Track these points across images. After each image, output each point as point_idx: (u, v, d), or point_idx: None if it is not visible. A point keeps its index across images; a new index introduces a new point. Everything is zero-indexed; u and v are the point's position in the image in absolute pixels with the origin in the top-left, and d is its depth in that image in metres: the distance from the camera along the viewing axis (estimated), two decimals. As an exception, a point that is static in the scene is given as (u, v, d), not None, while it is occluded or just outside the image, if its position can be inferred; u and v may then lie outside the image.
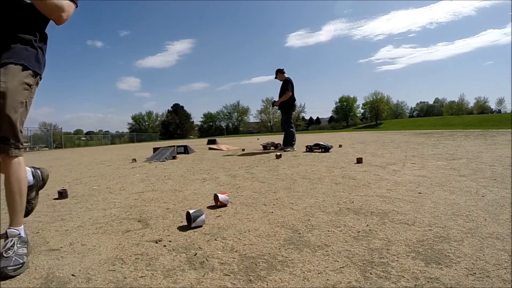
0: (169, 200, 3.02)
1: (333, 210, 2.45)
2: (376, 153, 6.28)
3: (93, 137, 49.38)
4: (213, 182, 3.86)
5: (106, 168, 6.04)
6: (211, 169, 4.99)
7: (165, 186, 3.73)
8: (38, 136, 33.61)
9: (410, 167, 4.31)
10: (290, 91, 7.51)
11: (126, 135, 57.70)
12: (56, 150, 26.54)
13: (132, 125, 79.58)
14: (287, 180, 3.74)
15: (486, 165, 4.12)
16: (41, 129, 37.73)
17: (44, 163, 8.74)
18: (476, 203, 2.41)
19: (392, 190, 3.01)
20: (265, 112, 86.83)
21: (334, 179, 3.71)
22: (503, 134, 9.62)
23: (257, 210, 2.56)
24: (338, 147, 7.93)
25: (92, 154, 11.89)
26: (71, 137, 44.05)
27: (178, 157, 7.15)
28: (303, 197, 2.90)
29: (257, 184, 3.59)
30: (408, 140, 9.86)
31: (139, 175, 4.68)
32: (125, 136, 55.23)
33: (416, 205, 2.45)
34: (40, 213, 2.79)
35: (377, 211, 2.37)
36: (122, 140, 49.06)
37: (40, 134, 35.34)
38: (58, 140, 33.76)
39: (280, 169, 4.65)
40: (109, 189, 3.75)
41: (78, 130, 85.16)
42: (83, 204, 3.03)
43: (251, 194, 3.10)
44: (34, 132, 33.37)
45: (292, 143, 7.70)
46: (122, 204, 2.96)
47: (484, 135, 10.58)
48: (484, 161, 4.41)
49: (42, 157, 12.96)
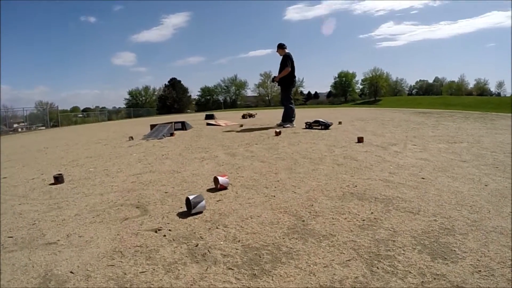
0: (168, 182, 2.96)
1: (337, 195, 2.39)
2: (376, 132, 6.19)
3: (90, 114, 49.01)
4: (212, 161, 3.79)
5: (103, 147, 5.95)
6: (209, 147, 4.91)
7: (163, 167, 3.65)
8: (34, 115, 33.35)
9: (412, 149, 4.24)
10: (289, 67, 7.35)
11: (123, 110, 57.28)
12: (53, 129, 26.38)
13: (129, 100, 78.72)
14: (288, 160, 3.67)
15: (488, 151, 4.05)
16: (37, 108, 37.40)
17: (40, 144, 8.64)
18: (480, 193, 2.36)
19: (395, 174, 2.95)
20: (263, 86, 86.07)
21: (336, 159, 3.64)
22: (503, 118, 9.49)
23: (259, 193, 2.50)
24: (338, 124, 7.82)
25: (88, 132, 11.79)
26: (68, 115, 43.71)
27: (176, 134, 7.05)
28: (305, 179, 2.84)
29: (257, 164, 3.52)
30: (407, 119, 9.75)
31: (136, 155, 4.60)
32: (122, 111, 54.81)
33: (420, 192, 2.40)
34: (36, 201, 2.72)
35: (381, 197, 2.32)
36: (119, 115, 48.68)
37: (37, 113, 35.08)
38: (55, 119, 33.47)
39: (280, 147, 4.58)
40: (106, 171, 3.68)
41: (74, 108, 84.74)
42: (79, 189, 2.97)
43: (252, 175, 3.03)
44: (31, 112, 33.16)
45: (291, 119, 7.59)
46: (120, 187, 2.90)
47: (484, 118, 10.46)
48: (485, 147, 4.34)
49: (38, 137, 12.84)
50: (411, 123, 8.11)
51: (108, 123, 24.79)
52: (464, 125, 7.54)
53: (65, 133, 13.74)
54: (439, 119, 9.84)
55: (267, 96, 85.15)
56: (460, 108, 25.72)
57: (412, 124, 7.78)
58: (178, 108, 63.79)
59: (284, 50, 7.65)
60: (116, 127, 14.03)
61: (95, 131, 12.44)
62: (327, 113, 15.19)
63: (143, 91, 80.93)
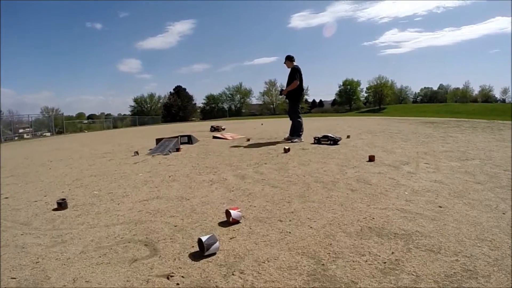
0: (176, 212, 2.82)
1: (355, 230, 2.26)
2: (386, 147, 6.05)
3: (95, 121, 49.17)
4: (221, 185, 3.65)
5: (108, 163, 5.83)
6: (217, 166, 4.77)
7: (171, 191, 3.52)
8: (40, 121, 33.54)
9: (424, 169, 4.14)
10: (297, 80, 7.25)
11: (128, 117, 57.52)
12: (58, 136, 26.42)
13: (134, 107, 79.19)
14: (300, 184, 3.53)
15: (500, 169, 3.95)
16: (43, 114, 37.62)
17: (43, 155, 8.55)
18: (498, 223, 2.29)
19: (411, 201, 2.84)
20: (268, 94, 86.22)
21: (349, 183, 3.51)
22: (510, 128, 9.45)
23: (273, 228, 2.36)
24: (346, 138, 7.69)
25: (93, 143, 11.68)
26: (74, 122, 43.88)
27: (182, 148, 6.93)
28: (320, 210, 2.70)
29: (268, 190, 3.38)
30: (415, 130, 9.61)
31: (142, 175, 4.47)
32: (127, 119, 55.05)
33: (439, 224, 2.30)
34: (39, 232, 2.60)
35: (400, 232, 2.20)
36: (124, 123, 48.86)
37: (42, 119, 35.28)
38: (60, 125, 33.59)
39: (290, 167, 4.44)
40: (111, 195, 3.54)
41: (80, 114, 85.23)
42: (84, 218, 2.83)
43: (264, 205, 2.89)
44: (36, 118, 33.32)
45: (299, 133, 7.47)
46: (126, 218, 2.76)
47: (491, 127, 10.36)
48: (497, 164, 4.26)
49: (42, 146, 12.76)
50: (420, 136, 7.98)
51: (113, 132, 24.76)
52: (473, 137, 7.47)
53: (69, 142, 13.66)
54: (447, 130, 9.73)
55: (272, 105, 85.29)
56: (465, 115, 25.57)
57: (421, 137, 7.65)
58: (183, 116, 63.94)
59: (292, 62, 7.56)
60: (121, 138, 13.95)
61: (99, 142, 12.34)
62: (333, 123, 15.06)
63: (148, 99, 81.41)
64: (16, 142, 20.18)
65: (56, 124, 33.33)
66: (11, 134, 27.28)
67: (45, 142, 16.02)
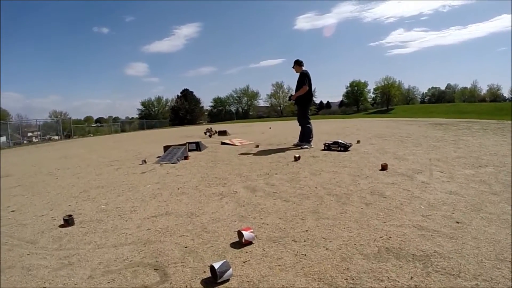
0: (186, 231, 2.73)
1: (372, 252, 2.16)
2: (397, 153, 5.92)
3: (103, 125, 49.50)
4: (231, 199, 3.55)
5: (115, 173, 5.76)
6: (227, 176, 4.67)
7: (180, 206, 3.42)
8: (48, 125, 33.87)
9: (439, 178, 4.03)
10: (307, 85, 7.14)
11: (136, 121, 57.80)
12: (66, 140, 26.57)
13: (142, 111, 79.62)
14: (313, 198, 3.42)
15: None
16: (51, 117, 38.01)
17: (51, 163, 8.52)
18: None
19: (428, 216, 2.75)
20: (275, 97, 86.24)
21: (363, 196, 3.41)
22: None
23: (288, 250, 2.26)
24: (356, 143, 7.56)
25: (101, 149, 11.65)
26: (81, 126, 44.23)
27: (190, 156, 6.85)
28: (335, 228, 2.60)
29: (280, 204, 3.27)
30: (425, 134, 9.45)
31: (150, 186, 4.39)
32: (135, 122, 55.33)
33: (458, 244, 2.21)
34: (45, 252, 2.53)
35: (418, 253, 2.10)
36: (132, 126, 49.10)
37: (50, 123, 35.62)
38: (68, 128, 33.84)
39: (302, 177, 4.34)
40: (118, 210, 3.46)
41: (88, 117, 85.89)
42: (91, 237, 2.76)
43: (277, 223, 2.79)
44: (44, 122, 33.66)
45: (309, 139, 7.35)
46: (135, 237, 2.68)
47: (502, 128, 10.22)
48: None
49: (50, 151, 12.76)
50: (431, 140, 7.84)
51: (121, 136, 24.80)
52: (485, 141, 7.36)
53: (77, 148, 13.66)
54: (457, 132, 9.58)
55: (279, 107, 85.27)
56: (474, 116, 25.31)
57: (432, 141, 7.51)
58: (191, 119, 64.03)
59: (301, 67, 7.45)
60: (129, 143, 13.93)
61: (107, 147, 12.31)
62: (342, 126, 14.91)
63: (155, 102, 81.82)
64: (24, 147, 20.28)
65: (64, 128, 33.63)
66: (20, 138, 27.54)
67: (53, 148, 16.06)
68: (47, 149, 15.20)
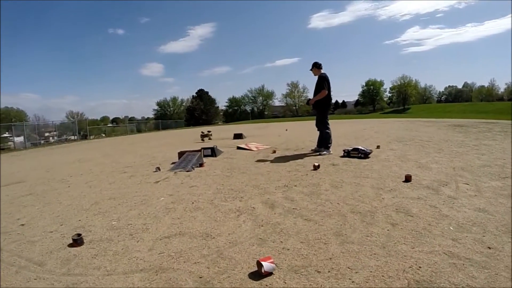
0: (201, 256, 2.53)
1: (401, 286, 1.98)
2: (419, 161, 5.64)
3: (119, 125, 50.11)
4: (249, 217, 3.33)
5: (128, 181, 5.60)
6: (243, 188, 4.46)
7: (194, 225, 3.22)
8: (65, 126, 34.39)
9: (465, 191, 3.80)
10: (326, 89, 6.87)
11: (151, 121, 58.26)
12: (82, 142, 26.86)
13: (158, 111, 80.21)
14: (335, 216, 3.19)
15: None
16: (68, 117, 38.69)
17: (64, 168, 8.46)
18: None
19: (458, 240, 2.56)
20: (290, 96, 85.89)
21: (388, 214, 3.18)
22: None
23: (310, 282, 2.06)
24: (376, 148, 7.28)
25: (115, 153, 11.56)
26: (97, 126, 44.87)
27: (206, 162, 6.67)
28: (361, 255, 2.38)
29: (301, 224, 3.05)
30: (446, 137, 9.08)
31: (164, 199, 4.21)
32: (150, 122, 55.78)
33: (490, 275, 2.04)
34: (53, 276, 2.40)
35: (450, 286, 1.93)
36: (148, 126, 49.52)
37: (68, 123, 36.21)
38: (85, 128, 34.30)
39: (322, 190, 4.10)
40: (130, 227, 3.29)
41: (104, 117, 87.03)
42: (100, 261, 2.58)
43: (299, 248, 2.56)
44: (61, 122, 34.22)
45: (328, 145, 7.09)
46: (146, 262, 2.49)
47: (523, 131, 9.87)
48: None
49: (64, 154, 12.75)
50: (452, 144, 7.52)
51: (136, 138, 24.84)
52: (507, 145, 7.11)
53: (92, 151, 13.66)
54: (478, 135, 9.25)
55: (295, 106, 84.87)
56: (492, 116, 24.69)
57: (454, 146, 7.21)
58: (206, 119, 64.15)
59: (320, 70, 7.19)
60: (144, 146, 13.86)
61: (122, 151, 12.22)
62: (359, 128, 14.53)
63: (171, 102, 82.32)
64: (40, 149, 20.49)
65: (81, 127, 34.15)
66: (37, 138, 27.96)
67: (68, 150, 16.15)
68: (62, 151, 15.27)
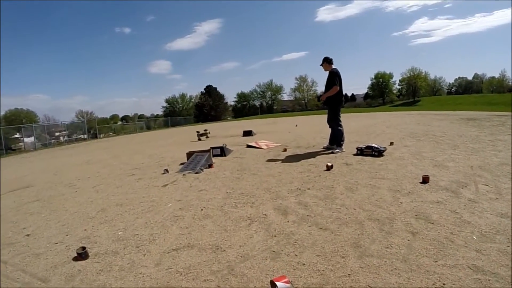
0: (211, 272, 2.37)
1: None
2: (435, 158, 5.40)
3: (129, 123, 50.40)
4: (261, 226, 3.16)
5: (136, 185, 5.47)
6: (254, 192, 4.28)
7: (203, 235, 3.06)
8: (75, 125, 34.64)
9: (485, 194, 3.59)
10: (337, 85, 6.64)
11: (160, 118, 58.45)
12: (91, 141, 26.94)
13: (166, 108, 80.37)
14: (352, 225, 3.00)
15: None
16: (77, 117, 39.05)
17: (72, 170, 8.38)
18: None
19: (482, 251, 2.38)
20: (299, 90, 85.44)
21: (408, 221, 2.99)
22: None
23: (331, 307, 1.87)
24: (390, 145, 7.04)
25: (124, 154, 11.46)
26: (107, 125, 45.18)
27: (215, 163, 6.51)
28: (381, 271, 2.21)
29: (317, 234, 2.86)
30: (460, 132, 8.79)
31: (172, 205, 4.06)
32: (159, 119, 55.96)
33: None
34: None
35: None
36: (157, 123, 49.74)
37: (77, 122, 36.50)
38: (94, 127, 34.48)
39: (337, 193, 3.92)
40: (136, 238, 3.14)
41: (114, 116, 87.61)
42: (105, 277, 2.45)
43: (315, 262, 2.39)
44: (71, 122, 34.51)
45: (340, 143, 6.87)
46: (153, 280, 2.35)
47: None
48: None
49: (73, 157, 12.67)
50: (467, 140, 7.25)
51: (145, 136, 24.82)
52: None
53: (101, 151, 13.62)
54: (492, 130, 8.95)
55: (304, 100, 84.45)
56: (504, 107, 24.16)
57: (469, 142, 6.95)
58: (215, 115, 64.07)
59: (331, 65, 6.95)
60: (153, 145, 13.76)
61: (130, 151, 12.11)
62: (370, 123, 14.23)
63: (179, 99, 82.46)
64: (50, 150, 20.57)
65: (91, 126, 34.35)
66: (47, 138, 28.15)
67: (77, 150, 16.15)
68: (71, 152, 15.26)
